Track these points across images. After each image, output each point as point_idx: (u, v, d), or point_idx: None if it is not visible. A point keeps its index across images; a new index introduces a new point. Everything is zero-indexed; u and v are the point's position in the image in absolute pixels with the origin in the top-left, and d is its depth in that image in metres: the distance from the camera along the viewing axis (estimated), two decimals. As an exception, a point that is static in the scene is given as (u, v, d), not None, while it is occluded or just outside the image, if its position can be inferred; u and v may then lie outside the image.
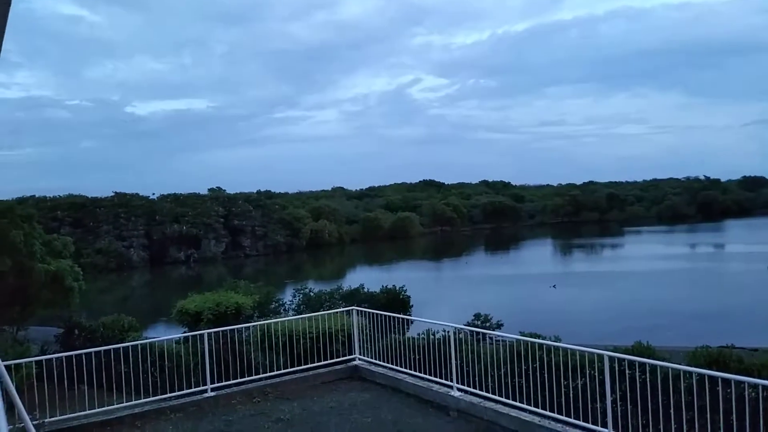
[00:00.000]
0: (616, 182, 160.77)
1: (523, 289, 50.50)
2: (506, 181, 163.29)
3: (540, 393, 8.55)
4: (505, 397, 8.85)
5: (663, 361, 8.61)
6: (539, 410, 8.31)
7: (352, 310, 12.40)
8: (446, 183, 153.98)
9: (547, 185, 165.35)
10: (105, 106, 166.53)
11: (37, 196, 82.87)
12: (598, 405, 7.95)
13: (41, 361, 10.26)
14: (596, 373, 8.13)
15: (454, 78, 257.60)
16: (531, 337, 11.18)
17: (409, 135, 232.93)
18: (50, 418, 9.11)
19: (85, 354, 9.79)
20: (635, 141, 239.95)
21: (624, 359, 7.86)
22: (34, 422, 7.35)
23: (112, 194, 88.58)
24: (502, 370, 9.45)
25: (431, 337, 12.48)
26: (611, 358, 7.70)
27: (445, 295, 47.63)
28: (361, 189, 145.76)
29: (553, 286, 48.70)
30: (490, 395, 9.00)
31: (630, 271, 58.21)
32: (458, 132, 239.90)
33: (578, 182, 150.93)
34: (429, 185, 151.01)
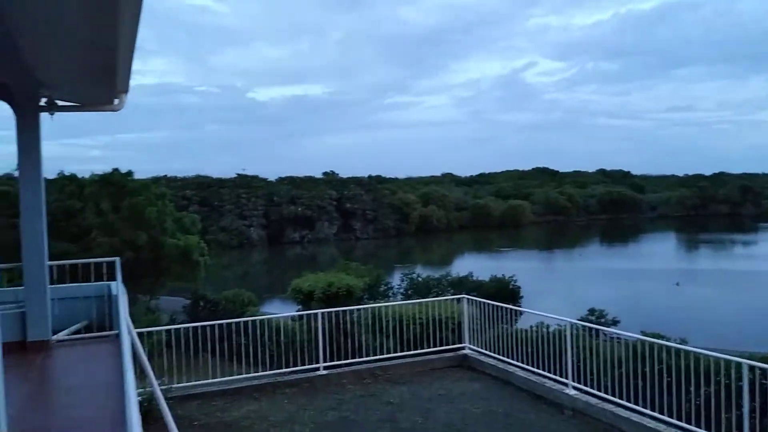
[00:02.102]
0: (750, 173, 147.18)
1: (642, 285, 47.74)
2: (626, 170, 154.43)
3: (662, 398, 7.98)
4: (626, 400, 8.34)
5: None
6: (665, 417, 7.75)
7: (462, 298, 12.25)
8: (561, 171, 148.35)
9: (672, 175, 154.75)
10: (229, 91, 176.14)
11: (168, 176, 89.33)
12: (733, 414, 7.28)
13: (170, 330, 11.02)
14: (731, 383, 7.44)
15: (571, 61, 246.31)
16: (653, 337, 10.47)
17: (522, 121, 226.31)
18: (177, 383, 9.76)
19: (209, 325, 10.40)
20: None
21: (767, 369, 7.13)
22: (162, 387, 7.88)
23: (235, 175, 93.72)
24: (620, 371, 8.92)
25: (543, 330, 12.09)
26: (751, 367, 7.01)
27: (556, 288, 46.07)
28: (471, 175, 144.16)
29: (677, 284, 45.64)
30: (609, 396, 8.52)
31: (766, 271, 53.28)
32: (575, 118, 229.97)
33: (707, 173, 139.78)
34: (542, 173, 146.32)
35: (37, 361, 6.78)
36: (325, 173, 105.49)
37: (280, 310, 27.62)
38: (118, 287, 6.89)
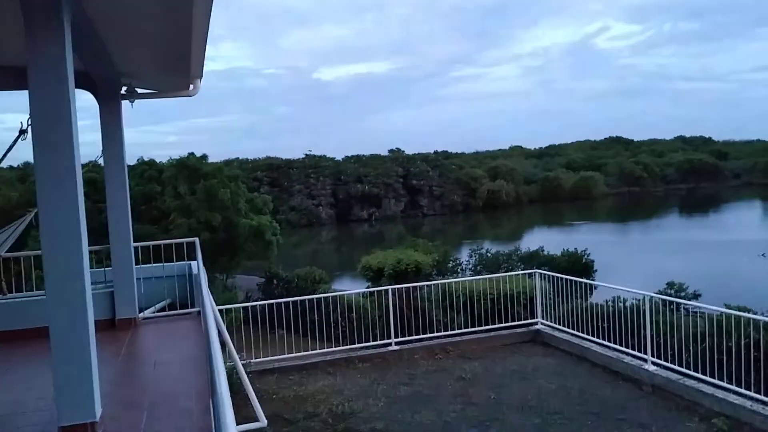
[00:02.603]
0: None
1: (724, 258, 45.43)
2: (706, 136, 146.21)
3: (749, 374, 7.63)
4: (709, 376, 8.03)
5: None
6: (751, 393, 7.41)
7: (534, 273, 12.07)
8: (635, 140, 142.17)
9: (758, 140, 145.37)
10: (296, 73, 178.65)
11: (240, 158, 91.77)
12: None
13: (247, 307, 11.43)
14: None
15: (647, 23, 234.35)
16: (739, 310, 9.98)
17: (594, 88, 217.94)
18: (255, 359, 10.14)
19: (284, 302, 10.71)
20: None
21: None
22: (242, 362, 8.20)
23: (303, 156, 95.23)
24: (702, 346, 8.58)
25: (620, 304, 11.76)
26: None
27: (632, 261, 44.53)
28: (541, 147, 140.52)
29: (762, 255, 43.18)
30: (691, 372, 8.22)
31: None
32: (650, 83, 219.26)
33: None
34: (616, 142, 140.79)
35: (126, 338, 7.19)
36: (391, 150, 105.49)
37: (351, 287, 28.08)
38: (198, 266, 7.18)
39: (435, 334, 11.42)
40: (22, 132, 5.08)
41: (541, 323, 11.55)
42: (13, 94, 7.00)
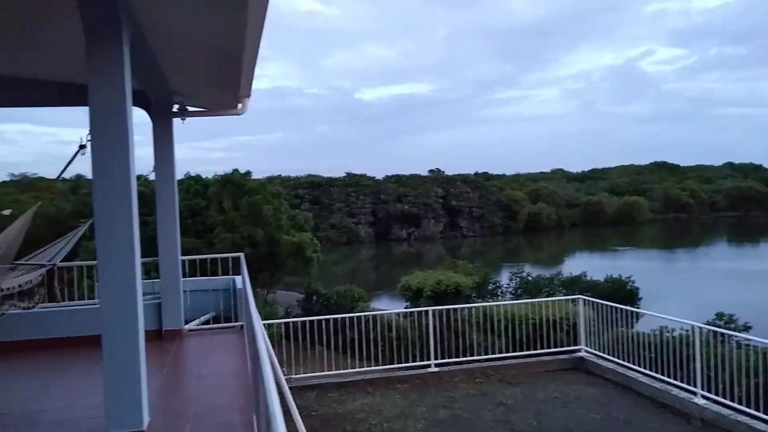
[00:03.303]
0: None
1: (777, 288, 43.65)
2: (757, 163, 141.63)
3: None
4: (763, 412, 7.68)
5: None
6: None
7: (578, 298, 11.83)
8: (681, 165, 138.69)
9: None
10: (338, 93, 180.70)
11: (282, 175, 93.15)
12: None
13: (288, 323, 11.51)
14: None
15: (692, 47, 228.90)
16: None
17: (638, 112, 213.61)
18: (295, 374, 10.18)
19: (324, 320, 10.75)
20: None
21: None
22: (285, 377, 8.24)
23: (344, 174, 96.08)
24: (755, 381, 8.22)
25: (666, 334, 11.40)
26: None
27: (678, 289, 43.20)
28: (583, 171, 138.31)
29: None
30: (743, 408, 7.89)
31: None
32: (697, 108, 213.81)
33: None
34: (661, 167, 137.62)
35: (172, 349, 7.32)
36: (431, 171, 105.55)
37: (389, 307, 28.00)
38: (243, 281, 7.29)
39: (475, 358, 11.26)
40: (82, 147, 5.27)
41: (585, 350, 11.28)
42: (64, 110, 7.31)
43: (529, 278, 29.01)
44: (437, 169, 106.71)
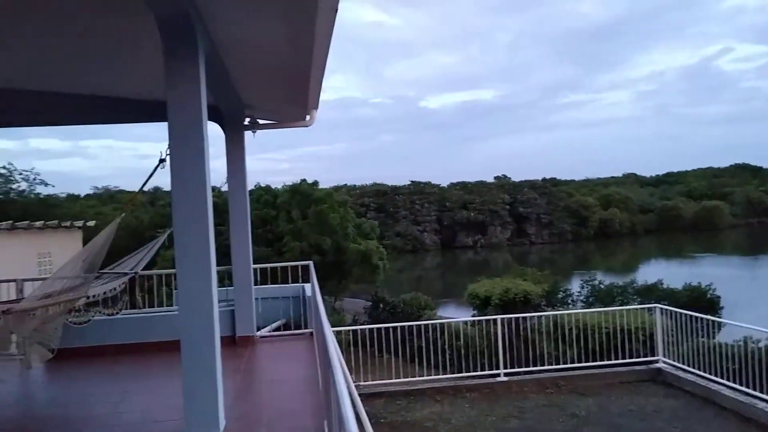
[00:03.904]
0: None
1: None
2: None
3: None
4: None
5: None
6: None
7: (654, 307, 11.39)
8: (765, 167, 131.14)
9: None
10: (402, 101, 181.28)
11: (348, 184, 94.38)
12: None
13: (356, 330, 11.62)
14: None
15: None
16: None
17: (716, 113, 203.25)
18: (363, 381, 10.26)
19: (392, 327, 10.80)
20: None
21: None
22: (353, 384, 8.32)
23: (409, 183, 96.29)
24: None
25: (750, 345, 10.81)
26: None
27: (763, 298, 40.82)
28: (657, 175, 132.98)
29: None
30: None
31: None
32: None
33: None
34: (742, 169, 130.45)
35: (245, 355, 7.54)
36: (497, 177, 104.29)
37: (455, 315, 27.78)
38: (312, 289, 7.42)
39: (545, 367, 11.01)
40: (162, 161, 5.52)
41: (663, 361, 10.83)
42: (143, 125, 7.69)
43: (601, 286, 28.10)
44: (503, 175, 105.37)
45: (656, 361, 10.88)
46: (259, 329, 8.32)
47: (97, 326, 7.05)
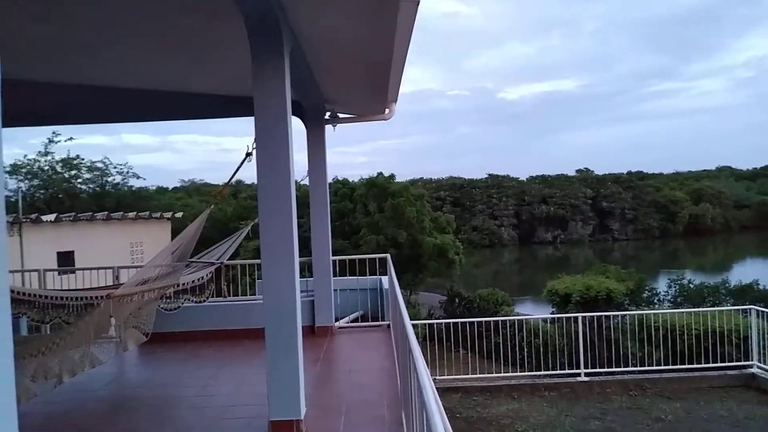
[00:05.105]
0: None
1: None
2: None
3: None
4: None
5: None
6: None
7: (750, 309, 10.73)
8: None
9: None
10: (480, 93, 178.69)
11: (424, 177, 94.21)
12: None
13: (432, 324, 11.63)
14: None
15: None
16: None
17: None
18: (438, 376, 10.26)
19: (469, 322, 10.73)
20: None
21: None
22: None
23: (486, 176, 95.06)
24: None
25: None
26: None
27: None
28: (755, 168, 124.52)
29: None
30: None
31: None
32: None
33: None
34: None
35: (324, 345, 7.71)
36: (578, 171, 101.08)
37: (533, 312, 27.23)
38: (390, 281, 7.49)
39: (629, 369, 10.62)
40: (248, 155, 5.70)
41: (758, 366, 10.20)
42: (226, 120, 7.98)
43: (691, 286, 26.73)
44: (585, 168, 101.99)
45: (750, 366, 10.27)
46: (337, 320, 8.49)
47: (186, 313, 7.41)
